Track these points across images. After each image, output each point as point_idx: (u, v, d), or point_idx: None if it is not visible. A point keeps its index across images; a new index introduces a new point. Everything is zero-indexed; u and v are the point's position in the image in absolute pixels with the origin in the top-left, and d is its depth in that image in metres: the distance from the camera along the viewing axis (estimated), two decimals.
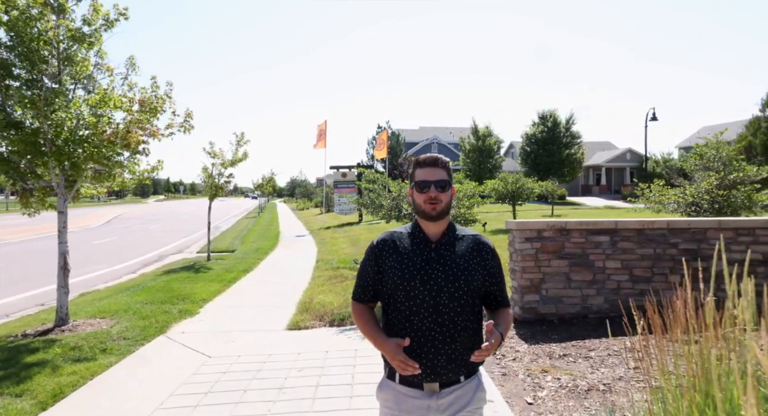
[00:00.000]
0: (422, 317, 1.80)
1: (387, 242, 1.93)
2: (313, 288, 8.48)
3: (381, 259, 1.90)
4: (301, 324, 6.26)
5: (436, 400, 1.82)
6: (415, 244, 1.89)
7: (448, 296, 1.80)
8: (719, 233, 5.90)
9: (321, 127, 28.43)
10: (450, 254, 1.86)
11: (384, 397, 1.92)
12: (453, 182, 1.95)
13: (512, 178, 16.85)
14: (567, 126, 44.10)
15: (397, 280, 1.83)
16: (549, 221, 6.16)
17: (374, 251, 1.93)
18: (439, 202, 1.83)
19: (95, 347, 5.29)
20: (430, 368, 1.79)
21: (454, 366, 1.81)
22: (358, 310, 1.96)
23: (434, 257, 1.85)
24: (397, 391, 1.87)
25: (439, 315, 1.79)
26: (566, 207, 31.39)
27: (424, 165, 1.89)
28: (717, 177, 8.46)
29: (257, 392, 4.11)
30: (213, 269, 11.07)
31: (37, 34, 5.62)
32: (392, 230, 1.99)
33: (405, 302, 1.82)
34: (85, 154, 5.87)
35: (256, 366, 4.77)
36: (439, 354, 1.79)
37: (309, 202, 53.93)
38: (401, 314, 1.83)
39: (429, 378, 1.80)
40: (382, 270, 1.90)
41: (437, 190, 1.84)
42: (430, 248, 1.87)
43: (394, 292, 1.84)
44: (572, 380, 4.07)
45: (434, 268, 1.83)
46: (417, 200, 1.88)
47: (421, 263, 1.84)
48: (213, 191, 13.04)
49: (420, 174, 1.88)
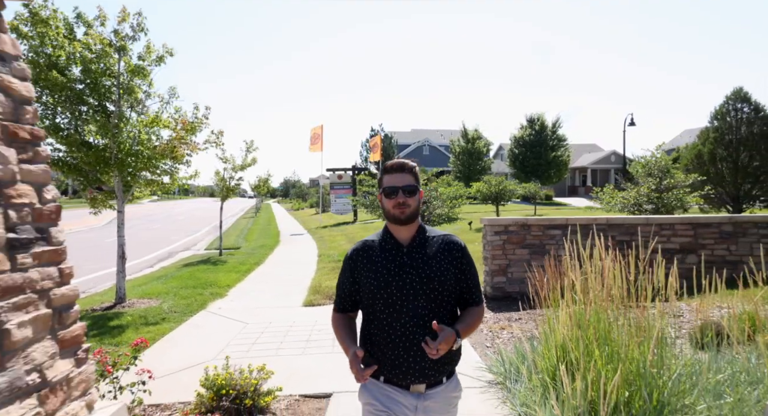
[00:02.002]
0: (403, 321, 1.83)
1: (359, 253, 1.95)
2: (319, 276, 9.96)
3: (356, 270, 1.93)
4: (314, 302, 7.74)
5: (423, 401, 1.87)
6: (387, 250, 1.91)
7: (424, 298, 1.83)
8: (647, 227, 7.48)
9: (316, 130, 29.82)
10: (422, 256, 1.89)
11: (367, 397, 1.93)
12: (420, 186, 1.98)
13: (495, 180, 18.46)
14: (554, 129, 45.72)
15: (374, 289, 1.86)
16: (514, 218, 7.70)
17: (349, 262, 1.97)
18: (407, 206, 1.87)
19: (156, 316, 6.75)
20: (418, 370, 1.83)
21: (439, 367, 1.86)
22: (335, 319, 2.00)
23: (407, 261, 1.88)
24: (383, 391, 1.90)
25: (420, 318, 1.82)
26: (550, 207, 32.99)
27: (391, 171, 1.91)
28: (654, 182, 10.11)
29: (290, 342, 5.59)
30: (228, 262, 12.49)
31: (105, 69, 7.06)
32: (364, 239, 2.01)
33: (384, 310, 1.85)
34: (140, 164, 7.32)
35: (285, 328, 6.24)
36: (425, 356, 1.82)
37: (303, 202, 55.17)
38: (382, 321, 1.86)
39: (417, 380, 1.84)
40: (357, 280, 1.93)
41: (405, 195, 1.87)
42: (402, 253, 1.90)
43: (373, 300, 1.87)
44: (522, 333, 5.59)
45: (408, 272, 1.86)
46: (386, 206, 1.91)
47: (395, 269, 1.86)
48: (225, 193, 14.47)
49: (388, 180, 1.90)
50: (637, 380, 2.69)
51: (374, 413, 1.88)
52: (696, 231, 7.45)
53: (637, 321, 2.87)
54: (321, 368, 4.71)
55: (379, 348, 1.87)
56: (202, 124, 7.92)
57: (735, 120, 15.22)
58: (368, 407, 1.92)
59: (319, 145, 28.95)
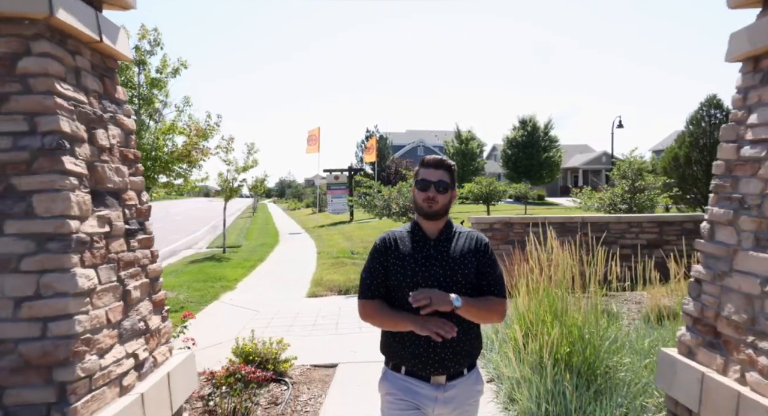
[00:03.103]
0: (427, 313, 1.82)
1: (388, 242, 1.99)
2: (320, 271, 10.72)
3: (385, 257, 1.96)
4: (317, 293, 8.51)
5: (443, 392, 1.89)
6: (415, 242, 1.96)
7: (447, 290, 1.85)
8: (617, 225, 8.30)
9: (313, 132, 30.56)
10: (447, 250, 1.93)
11: (388, 388, 1.96)
12: (455, 185, 2.00)
13: (486, 181, 19.33)
14: (545, 130, 46.66)
15: (401, 277, 1.89)
16: (498, 217, 8.51)
17: (379, 250, 1.99)
18: (435, 202, 1.90)
19: (175, 305, 7.48)
20: (438, 361, 1.87)
21: (459, 358, 1.89)
22: (370, 306, 1.95)
23: (433, 253, 1.92)
24: (404, 382, 1.92)
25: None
26: (541, 207, 33.85)
27: (428, 166, 1.96)
28: (627, 184, 10.99)
29: (298, 326, 6.35)
30: (232, 259, 13.23)
31: (126, 81, 7.80)
32: (392, 230, 2.06)
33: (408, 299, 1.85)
34: (158, 168, 8.06)
35: (293, 315, 7.01)
36: (446, 346, 1.86)
37: (299, 202, 55.80)
38: (406, 310, 1.86)
39: (437, 371, 1.87)
40: (386, 268, 1.95)
41: (436, 191, 1.91)
42: (429, 245, 1.94)
43: (398, 289, 1.90)
44: None
45: (433, 264, 1.90)
46: (417, 198, 1.95)
47: (421, 260, 1.91)
48: (228, 194, 15.20)
49: (423, 173, 1.95)
50: (577, 341, 3.49)
51: (394, 403, 1.92)
52: (661, 228, 8.27)
53: (579, 297, 3.68)
54: (327, 346, 5.48)
55: (400, 338, 1.91)
56: (213, 130, 8.67)
57: (708, 125, 16.21)
58: (388, 397, 1.95)
59: (315, 146, 29.71)
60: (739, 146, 2.56)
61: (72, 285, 1.96)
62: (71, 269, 1.97)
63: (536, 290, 3.81)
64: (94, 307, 2.09)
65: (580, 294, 3.79)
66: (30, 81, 1.99)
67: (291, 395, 4.06)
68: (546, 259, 4.06)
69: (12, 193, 1.96)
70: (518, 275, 4.25)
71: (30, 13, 1.98)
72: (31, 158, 1.98)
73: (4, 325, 1.90)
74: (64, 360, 1.92)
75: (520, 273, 4.36)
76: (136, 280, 2.46)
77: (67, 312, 1.94)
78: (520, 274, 4.34)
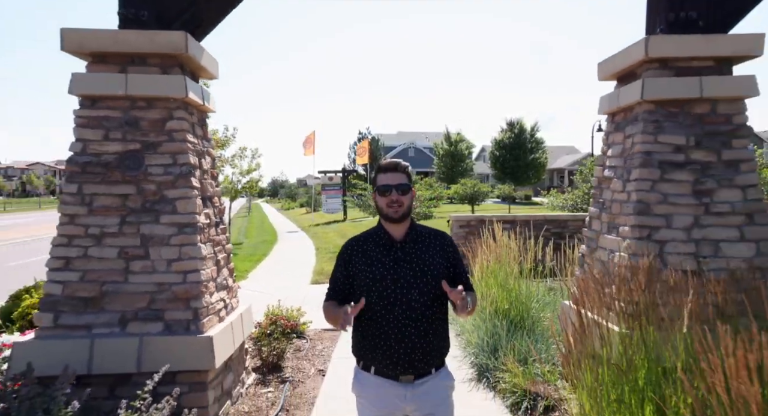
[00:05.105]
0: (396, 314, 1.93)
1: (354, 248, 2.05)
2: (320, 264, 12.13)
3: (350, 264, 2.03)
4: (320, 281, 9.93)
5: (411, 390, 1.96)
6: (382, 245, 2.02)
7: (418, 291, 1.94)
8: (574, 223, 9.80)
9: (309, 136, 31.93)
10: (415, 251, 2.01)
11: (360, 388, 2.06)
12: (413, 185, 2.05)
13: (471, 183, 20.90)
14: (532, 132, 48.14)
15: (369, 282, 1.96)
16: (476, 216, 10.01)
17: (343, 257, 2.06)
18: (401, 205, 1.96)
19: None
20: (408, 362, 1.94)
21: (428, 359, 1.97)
22: (327, 306, 2.08)
23: (401, 256, 1.99)
24: (374, 382, 2.00)
25: (412, 311, 1.93)
26: (526, 207, 35.38)
27: (385, 170, 2.00)
28: (587, 187, 12.55)
29: (308, 305, 7.72)
30: (239, 254, 14.58)
31: None
32: (357, 235, 2.10)
33: (378, 302, 1.95)
34: None
35: (301, 297, 8.42)
36: (416, 347, 1.93)
37: (293, 202, 56.98)
38: (375, 313, 1.95)
39: (406, 371, 1.95)
40: (351, 274, 2.02)
41: (398, 193, 1.95)
42: (396, 248, 2.00)
43: (367, 293, 1.96)
44: None
45: (402, 266, 1.97)
46: (380, 204, 2.00)
47: (390, 263, 1.97)
48: (233, 195, 16.57)
49: (382, 179, 1.99)
50: (515, 302, 4.96)
51: (368, 407, 2.04)
52: None
53: (514, 271, 5.17)
54: None
55: (371, 339, 1.99)
56: (230, 141, 10.06)
57: None
58: (361, 400, 2.07)
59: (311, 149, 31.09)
60: (603, 169, 4.03)
61: (198, 252, 3.38)
62: (197, 244, 3.39)
63: (487, 267, 5.28)
64: (206, 267, 3.51)
65: (517, 270, 5.27)
66: (173, 134, 3.41)
67: (310, 346, 5.50)
68: (496, 246, 5.53)
69: (164, 199, 3.38)
70: (478, 257, 5.73)
71: (174, 95, 3.40)
72: (174, 179, 3.39)
73: (164, 275, 3.31)
74: (196, 295, 3.33)
75: (480, 256, 5.84)
76: (220, 254, 3.88)
77: (196, 268, 3.36)
78: (480, 257, 5.82)
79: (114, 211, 3.33)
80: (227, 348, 3.56)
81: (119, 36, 3.31)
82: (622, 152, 3.79)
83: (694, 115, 3.49)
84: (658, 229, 3.39)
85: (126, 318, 3.26)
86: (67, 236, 3.28)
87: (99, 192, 3.32)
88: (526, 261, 5.40)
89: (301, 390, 4.30)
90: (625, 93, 3.72)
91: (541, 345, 4.45)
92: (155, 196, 3.37)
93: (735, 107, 3.48)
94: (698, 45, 3.45)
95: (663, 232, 3.38)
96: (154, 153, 3.39)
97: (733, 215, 3.38)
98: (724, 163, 3.45)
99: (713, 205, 3.40)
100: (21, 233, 22.98)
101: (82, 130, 3.35)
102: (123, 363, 3.14)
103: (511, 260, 5.31)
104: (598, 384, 2.60)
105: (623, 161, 3.75)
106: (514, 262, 5.34)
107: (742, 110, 3.49)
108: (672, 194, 3.42)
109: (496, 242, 5.56)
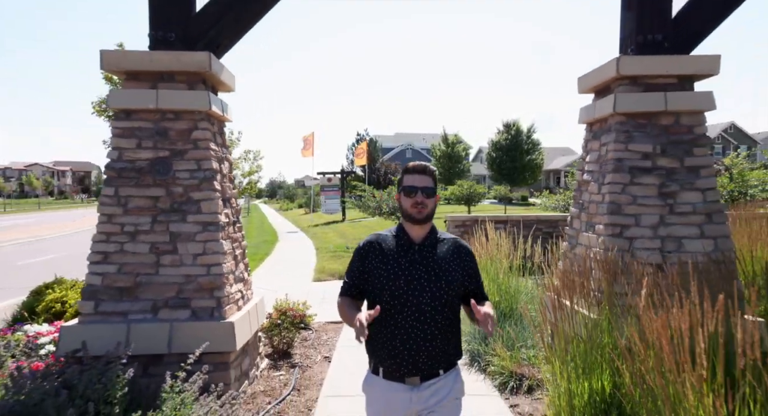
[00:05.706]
0: (405, 314, 1.95)
1: (373, 244, 2.08)
2: (321, 262, 12.56)
3: (367, 260, 2.06)
4: (321, 278, 10.36)
5: (417, 392, 1.97)
6: (400, 246, 2.03)
7: (430, 295, 1.95)
8: (564, 223, 10.23)
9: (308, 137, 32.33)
10: (432, 255, 2.02)
11: (369, 390, 2.10)
12: (438, 190, 2.08)
13: (467, 184, 21.37)
14: (528, 134, 48.66)
15: (383, 280, 1.98)
16: (471, 216, 10.44)
17: (360, 252, 2.09)
18: (425, 207, 1.98)
19: None
20: (412, 364, 1.96)
21: (433, 362, 1.98)
22: (341, 302, 2.11)
23: (417, 258, 2.00)
24: (381, 385, 2.02)
25: (422, 314, 1.94)
26: (521, 207, 35.88)
27: (412, 172, 2.02)
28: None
29: (311, 301, 8.18)
30: None
31: None
32: (378, 233, 2.13)
33: (390, 301, 1.96)
34: None
35: (304, 293, 8.83)
36: (420, 350, 1.95)
37: (291, 203, 57.34)
38: (385, 312, 1.95)
39: (411, 372, 1.96)
40: (367, 270, 2.04)
41: (423, 196, 1.98)
42: (414, 250, 2.02)
43: (380, 291, 1.98)
44: None
45: (417, 269, 1.98)
46: (404, 205, 2.01)
47: (405, 264, 1.99)
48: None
49: (408, 180, 2.01)
50: (504, 295, 5.39)
51: (373, 405, 2.09)
52: None
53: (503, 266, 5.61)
54: (335, 312, 7.29)
55: (379, 338, 2.00)
56: (235, 145, 10.48)
57: None
58: (369, 408, 2.11)
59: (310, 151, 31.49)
60: (582, 173, 4.48)
61: (220, 248, 3.81)
62: (219, 240, 3.82)
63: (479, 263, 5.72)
64: (227, 261, 3.94)
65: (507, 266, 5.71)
66: (198, 142, 3.84)
67: (315, 336, 5.93)
68: (488, 244, 5.97)
69: (190, 201, 3.81)
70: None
71: (198, 109, 3.83)
72: (199, 182, 3.82)
73: (190, 268, 3.74)
74: (218, 286, 3.76)
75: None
76: (237, 249, 4.31)
77: (218, 262, 3.79)
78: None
79: (146, 211, 3.76)
80: (245, 334, 3.99)
81: (153, 56, 3.74)
82: (599, 158, 4.23)
83: (660, 126, 3.94)
84: (629, 227, 3.83)
85: (157, 306, 3.69)
86: (105, 234, 3.71)
87: (133, 194, 3.75)
88: (515, 258, 5.84)
89: (309, 374, 4.74)
90: (601, 106, 4.17)
91: (528, 333, 4.89)
92: (182, 198, 3.80)
93: (696, 119, 3.94)
94: (663, 64, 3.90)
95: (633, 230, 3.83)
96: (181, 160, 3.82)
97: (694, 215, 3.83)
98: (686, 168, 3.90)
99: (677, 206, 3.85)
100: (24, 234, 23.34)
101: (118, 139, 3.78)
102: (156, 345, 3.56)
103: (501, 257, 5.75)
104: (569, 357, 3.05)
105: (599, 166, 4.19)
106: (504, 258, 5.78)
107: (702, 121, 3.95)
108: (641, 196, 3.86)
109: (488, 240, 6.00)
